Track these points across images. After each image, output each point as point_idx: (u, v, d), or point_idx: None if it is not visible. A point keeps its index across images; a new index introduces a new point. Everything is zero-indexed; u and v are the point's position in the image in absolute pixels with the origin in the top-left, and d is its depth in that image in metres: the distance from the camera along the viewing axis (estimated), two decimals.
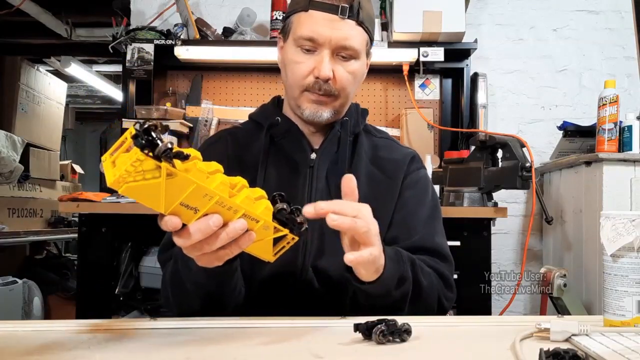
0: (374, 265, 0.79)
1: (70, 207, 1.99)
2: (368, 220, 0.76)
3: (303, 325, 0.78)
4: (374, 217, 0.78)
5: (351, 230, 0.75)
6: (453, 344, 0.71)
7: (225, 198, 0.65)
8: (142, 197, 0.60)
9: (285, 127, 1.05)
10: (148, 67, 2.44)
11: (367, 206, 0.79)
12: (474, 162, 1.99)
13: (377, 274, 0.81)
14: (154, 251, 2.06)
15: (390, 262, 0.83)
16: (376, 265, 0.79)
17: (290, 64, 0.99)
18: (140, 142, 0.57)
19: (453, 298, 0.99)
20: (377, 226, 0.79)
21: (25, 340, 0.70)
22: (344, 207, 0.75)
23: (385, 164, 1.06)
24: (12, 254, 3.56)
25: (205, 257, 0.70)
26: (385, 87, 2.64)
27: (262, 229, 0.70)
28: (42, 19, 3.34)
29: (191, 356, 0.63)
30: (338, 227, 0.73)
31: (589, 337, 0.67)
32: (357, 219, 0.74)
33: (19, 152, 3.36)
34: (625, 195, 1.91)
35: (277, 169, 1.03)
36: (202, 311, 0.86)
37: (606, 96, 1.96)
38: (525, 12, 2.68)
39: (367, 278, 0.81)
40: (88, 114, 7.02)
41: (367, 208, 0.78)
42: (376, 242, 0.77)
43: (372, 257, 0.77)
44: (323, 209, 0.73)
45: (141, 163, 0.58)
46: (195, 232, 0.65)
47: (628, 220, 0.73)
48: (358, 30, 0.97)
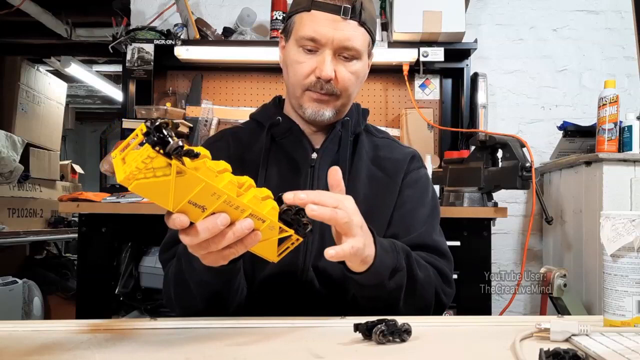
0: (357, 257, 0.78)
1: (70, 207, 1.99)
2: (349, 211, 0.75)
3: (303, 325, 0.78)
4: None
5: (332, 221, 0.74)
6: (453, 344, 0.71)
7: (233, 197, 0.65)
8: (151, 194, 0.60)
9: (287, 127, 1.05)
10: (148, 67, 2.44)
11: (350, 197, 0.78)
12: (474, 162, 1.99)
13: (365, 264, 0.80)
14: (154, 251, 2.06)
15: (383, 253, 0.82)
16: (361, 257, 0.78)
17: (292, 64, 1.00)
18: (152, 139, 0.57)
19: (452, 293, 0.98)
20: (361, 217, 0.78)
21: (25, 340, 0.70)
22: (324, 197, 0.74)
23: (385, 164, 1.06)
24: (12, 254, 3.56)
25: (211, 255, 0.70)
26: (385, 87, 2.64)
27: (267, 229, 0.70)
28: (42, 19, 3.34)
29: (191, 356, 0.63)
30: (318, 218, 0.72)
31: (589, 337, 0.67)
32: (337, 209, 0.73)
33: (19, 152, 3.36)
34: (625, 195, 1.91)
35: (278, 168, 1.03)
36: (204, 310, 0.86)
37: (606, 96, 1.96)
38: (525, 12, 2.68)
39: (355, 269, 0.80)
40: (88, 114, 7.02)
41: (350, 199, 0.78)
42: (358, 234, 0.76)
43: (354, 250, 0.76)
44: (302, 199, 0.72)
45: (152, 160, 0.58)
46: (203, 230, 0.65)
47: (628, 220, 0.73)
48: (360, 30, 0.98)
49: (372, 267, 0.80)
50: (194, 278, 0.84)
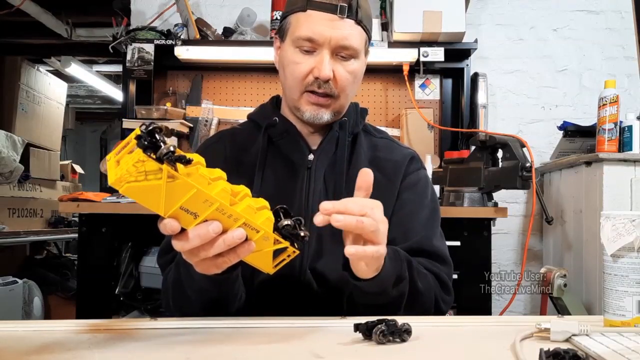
0: (377, 262, 0.78)
1: (70, 207, 1.99)
2: (377, 219, 0.74)
3: (303, 325, 0.78)
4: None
5: (358, 230, 0.73)
6: (453, 344, 0.71)
7: (226, 205, 0.64)
8: (142, 198, 0.60)
9: (283, 128, 1.04)
10: (148, 67, 2.44)
11: (378, 203, 0.76)
12: (474, 162, 1.99)
13: (377, 272, 0.80)
14: (154, 251, 2.06)
15: (389, 261, 0.82)
16: (379, 263, 0.79)
17: (289, 65, 0.98)
18: (143, 143, 0.57)
19: (450, 301, 0.98)
20: (387, 225, 0.77)
21: (25, 340, 0.70)
22: (349, 205, 0.72)
23: (384, 165, 1.05)
24: (12, 254, 3.56)
25: (204, 263, 0.70)
26: (386, 87, 2.64)
27: (262, 239, 0.69)
28: (42, 19, 3.35)
29: (191, 356, 0.63)
30: (344, 228, 0.71)
31: (589, 337, 0.67)
32: (364, 217, 0.72)
33: (19, 152, 3.36)
34: (625, 195, 1.91)
35: (275, 170, 1.02)
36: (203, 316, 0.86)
37: (606, 96, 1.96)
38: (525, 12, 2.68)
39: (365, 275, 0.79)
40: (88, 114, 7.02)
41: (378, 205, 0.76)
42: (383, 241, 0.76)
43: (378, 255, 0.75)
44: (327, 209, 0.70)
45: (143, 164, 0.58)
46: (194, 237, 0.65)
47: (628, 220, 0.73)
48: (357, 29, 0.97)
49: (378, 275, 0.80)
50: (192, 285, 0.83)
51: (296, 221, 0.71)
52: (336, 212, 0.71)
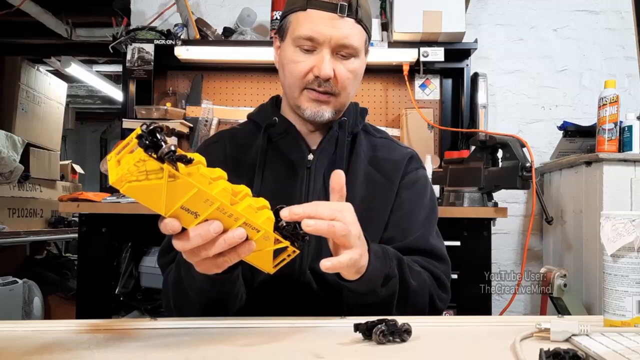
0: (353, 268, 0.77)
1: (70, 207, 1.99)
2: (347, 222, 0.74)
3: (303, 325, 0.78)
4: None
5: (329, 235, 0.73)
6: (453, 344, 0.71)
7: (227, 205, 0.65)
8: (143, 198, 0.60)
9: (283, 128, 1.04)
10: (148, 67, 2.45)
11: (349, 206, 0.76)
12: (474, 162, 1.99)
13: (358, 274, 0.79)
14: (154, 251, 2.06)
15: (376, 260, 0.81)
16: (356, 268, 0.78)
17: (289, 64, 0.98)
18: (144, 142, 0.57)
19: (447, 299, 0.97)
20: (358, 227, 0.76)
21: (25, 340, 0.69)
22: (320, 209, 0.72)
23: (383, 165, 1.05)
24: (12, 254, 3.56)
25: (205, 263, 0.70)
26: (386, 87, 2.64)
27: (262, 239, 0.69)
28: (42, 19, 3.34)
29: (191, 356, 0.63)
30: (315, 233, 0.71)
31: (589, 337, 0.67)
32: (335, 222, 0.72)
33: (19, 152, 3.36)
34: (625, 195, 1.91)
35: (275, 169, 1.02)
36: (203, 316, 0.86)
37: (606, 96, 1.96)
38: (525, 12, 2.68)
39: (348, 277, 0.80)
40: (88, 114, 7.02)
41: (349, 209, 0.76)
42: (356, 244, 0.75)
43: (351, 262, 0.75)
44: (297, 213, 0.70)
45: (144, 163, 0.58)
46: (195, 236, 0.65)
47: (628, 220, 0.73)
48: (357, 28, 0.97)
49: (365, 275, 0.79)
50: (193, 287, 0.83)
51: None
52: (306, 216, 0.70)
